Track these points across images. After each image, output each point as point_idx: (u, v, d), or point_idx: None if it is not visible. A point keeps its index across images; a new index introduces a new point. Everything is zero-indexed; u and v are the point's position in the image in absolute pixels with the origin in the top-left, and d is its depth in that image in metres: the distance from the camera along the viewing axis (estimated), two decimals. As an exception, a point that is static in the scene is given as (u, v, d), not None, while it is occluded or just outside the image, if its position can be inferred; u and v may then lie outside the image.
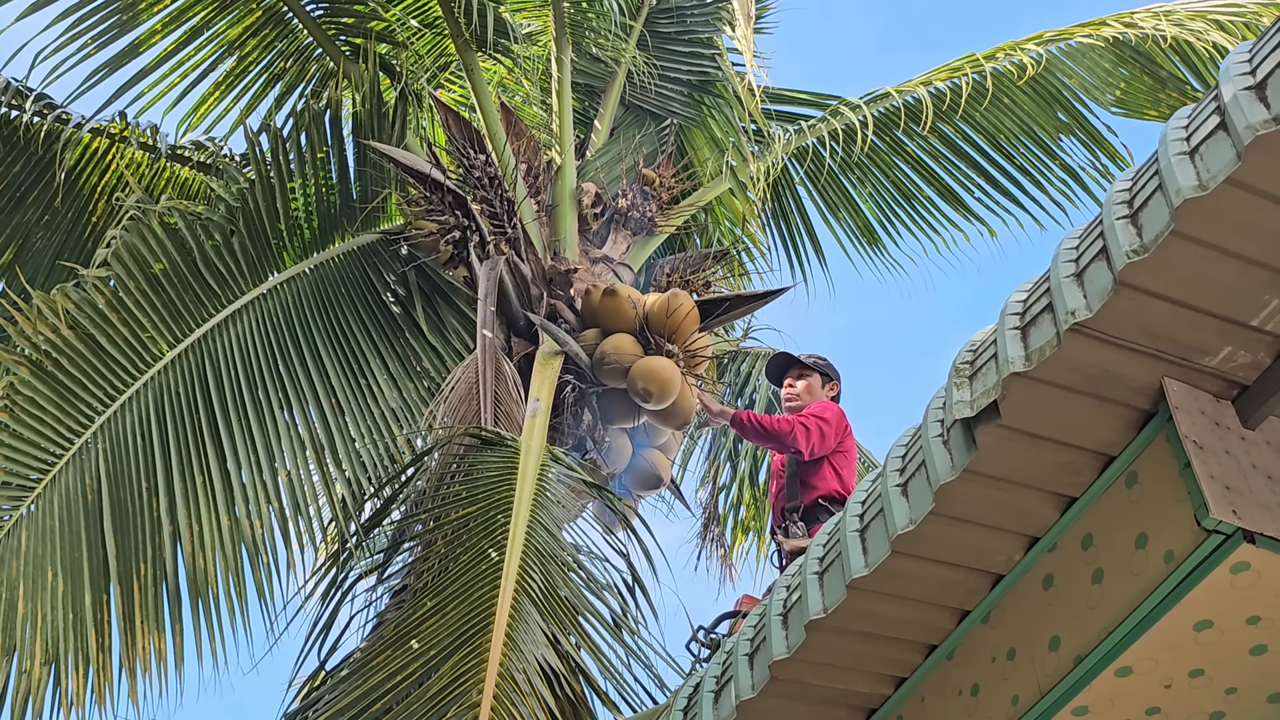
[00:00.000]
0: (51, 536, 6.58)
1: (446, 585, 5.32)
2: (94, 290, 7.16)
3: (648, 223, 8.54)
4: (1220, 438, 3.37)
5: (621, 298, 7.21)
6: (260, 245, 7.81)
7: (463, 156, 7.93)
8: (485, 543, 5.47)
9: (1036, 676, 3.66)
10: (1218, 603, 3.33)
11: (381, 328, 7.93)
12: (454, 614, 5.14)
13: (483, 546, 5.45)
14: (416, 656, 5.01)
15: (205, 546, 6.87)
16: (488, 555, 5.37)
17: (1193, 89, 9.28)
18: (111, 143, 9.05)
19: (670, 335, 7.10)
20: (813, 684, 4.12)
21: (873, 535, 3.83)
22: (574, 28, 8.89)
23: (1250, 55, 3.06)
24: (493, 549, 5.40)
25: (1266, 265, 3.21)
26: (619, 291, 7.24)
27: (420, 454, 6.48)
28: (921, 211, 10.14)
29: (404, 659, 5.03)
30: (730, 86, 8.95)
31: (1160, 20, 8.99)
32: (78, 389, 6.90)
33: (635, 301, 7.21)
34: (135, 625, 6.71)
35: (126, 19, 8.85)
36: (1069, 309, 3.26)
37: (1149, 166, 3.22)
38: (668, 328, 7.11)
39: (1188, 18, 8.96)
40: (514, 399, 6.82)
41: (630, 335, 7.17)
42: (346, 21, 9.28)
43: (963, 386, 3.57)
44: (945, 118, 9.74)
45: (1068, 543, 3.68)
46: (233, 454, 7.06)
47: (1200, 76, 9.19)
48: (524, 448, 6.17)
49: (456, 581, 5.33)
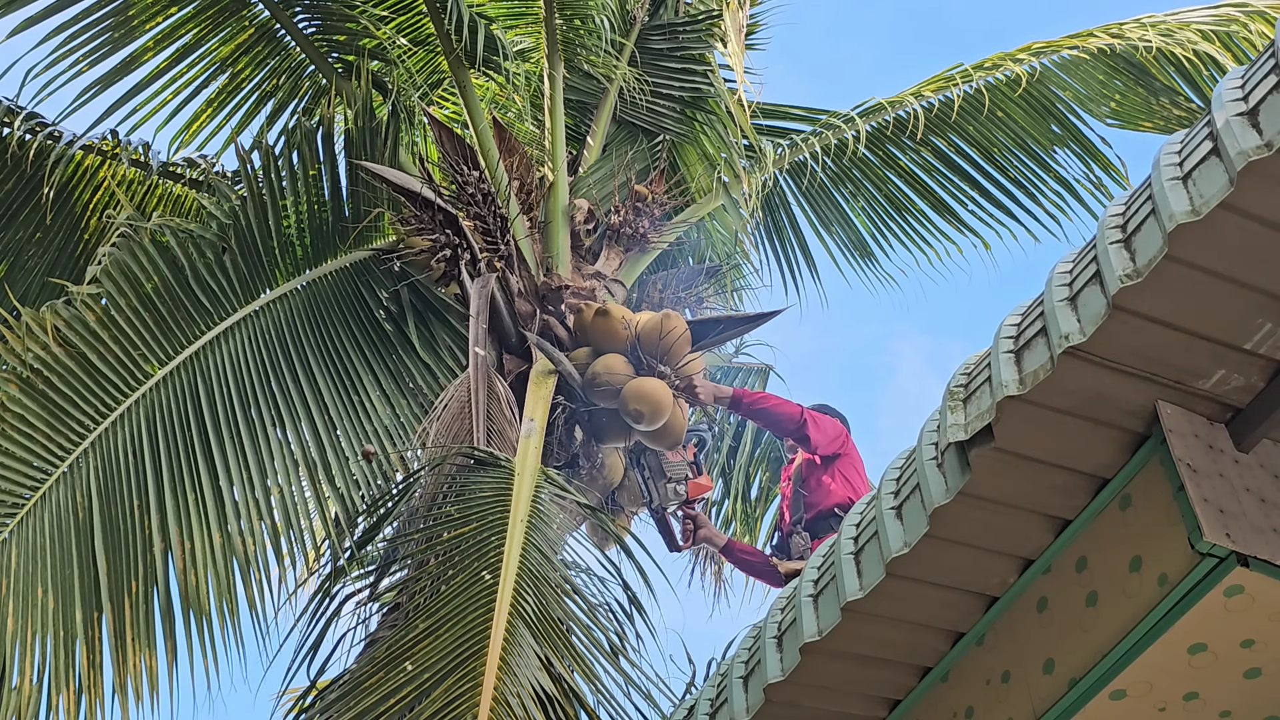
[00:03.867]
0: (42, 554, 6.56)
1: (440, 607, 5.30)
2: (84, 308, 7.15)
3: (640, 239, 8.54)
4: (1214, 461, 3.37)
5: (614, 318, 7.20)
6: (252, 262, 7.79)
7: (456, 172, 7.93)
8: (479, 564, 5.45)
9: (1030, 699, 3.66)
10: (1212, 626, 3.33)
11: (374, 345, 7.92)
12: (447, 636, 5.12)
13: (476, 568, 5.43)
14: (410, 679, 4.98)
15: (197, 563, 6.85)
16: (481, 577, 5.35)
17: (1187, 99, 9.30)
18: (103, 160, 9.03)
19: (662, 356, 7.08)
20: (807, 706, 4.11)
21: (867, 558, 3.82)
22: (566, 45, 8.90)
23: (1243, 81, 3.08)
24: (486, 571, 5.38)
25: (1260, 289, 3.22)
26: (611, 312, 7.23)
27: (413, 474, 6.46)
28: (915, 225, 10.15)
29: (397, 681, 5.01)
30: (722, 103, 8.97)
31: (1147, 30, 9.03)
32: (68, 406, 6.89)
33: (628, 322, 7.20)
34: (126, 643, 6.69)
35: (118, 36, 8.83)
36: (1063, 332, 3.26)
37: (1142, 191, 3.23)
38: (660, 349, 7.09)
39: (1176, 28, 9.00)
40: (507, 418, 6.81)
41: (622, 355, 7.15)
42: (339, 39, 9.28)
43: (957, 410, 3.58)
44: (938, 131, 9.77)
45: (1062, 565, 3.68)
46: (225, 471, 7.05)
47: (1195, 85, 9.22)
48: (518, 469, 6.15)
49: (450, 603, 5.30)
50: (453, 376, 7.60)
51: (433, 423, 6.59)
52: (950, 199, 10.01)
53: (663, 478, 6.86)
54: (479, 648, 5.00)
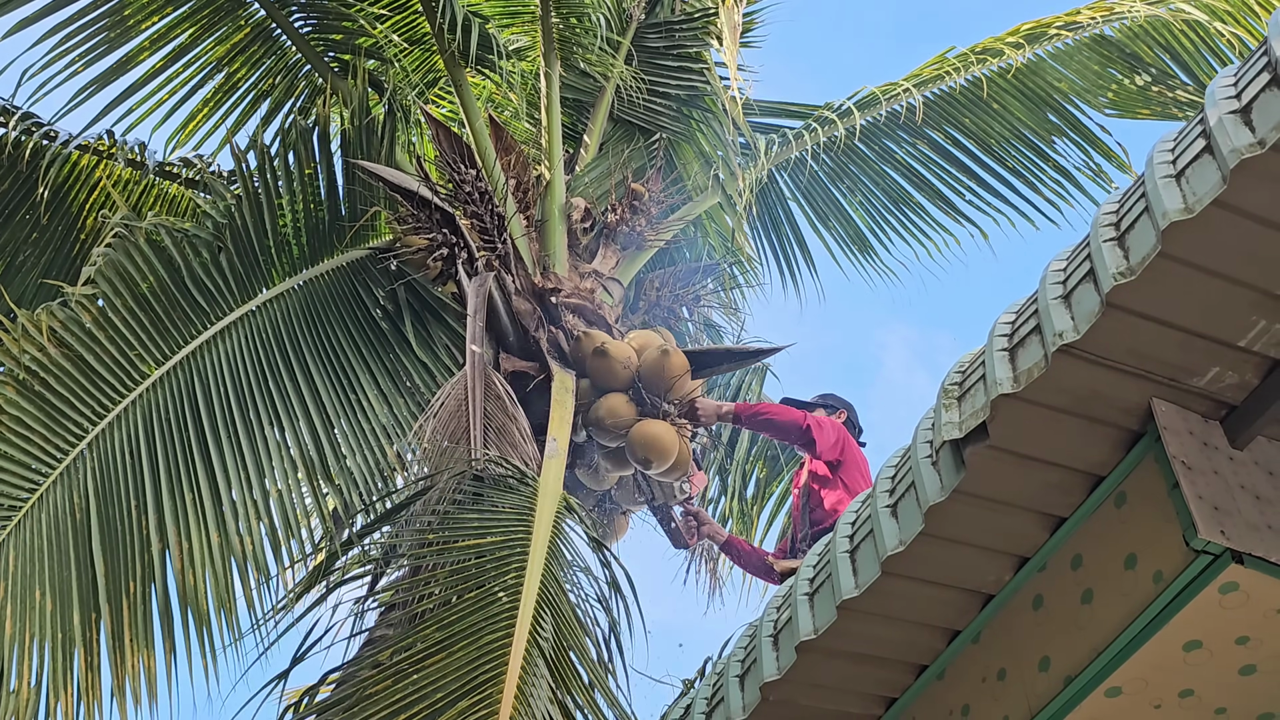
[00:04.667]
0: (39, 556, 6.55)
1: (453, 621, 5.19)
2: (80, 308, 7.14)
3: (637, 237, 8.54)
4: (1208, 458, 3.38)
5: (613, 359, 7.11)
6: (248, 262, 7.78)
7: (453, 171, 7.91)
8: (495, 584, 5.33)
9: (1026, 697, 3.66)
10: (1207, 623, 3.34)
11: (371, 344, 7.91)
12: (461, 655, 4.99)
13: (492, 587, 5.31)
14: (421, 696, 4.90)
15: (195, 563, 6.84)
16: (497, 598, 5.24)
17: (1180, 82, 9.31)
18: (99, 159, 9.02)
19: (664, 393, 7.03)
20: (804, 705, 4.12)
21: (863, 556, 3.83)
22: (562, 43, 8.89)
23: (1235, 79, 3.08)
24: (503, 592, 5.26)
25: (1253, 286, 3.23)
26: (610, 352, 7.13)
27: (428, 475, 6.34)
28: (913, 217, 10.15)
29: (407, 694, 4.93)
30: (719, 101, 8.96)
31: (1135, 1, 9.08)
32: (65, 407, 6.87)
33: (627, 362, 7.12)
34: (125, 644, 6.68)
35: (114, 36, 8.82)
36: (1057, 330, 3.27)
37: (1136, 189, 3.23)
38: (661, 387, 7.06)
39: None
40: (509, 414, 6.78)
41: (624, 395, 7.11)
42: (334, 38, 9.27)
43: (951, 408, 3.58)
44: (935, 124, 9.77)
45: (1057, 563, 3.69)
46: (222, 470, 7.04)
47: (1186, 67, 9.23)
48: (541, 490, 6.02)
49: (466, 620, 5.17)
50: (450, 375, 7.59)
51: (429, 420, 6.55)
52: (948, 190, 10.02)
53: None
54: (496, 674, 4.88)
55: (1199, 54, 9.18)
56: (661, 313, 8.75)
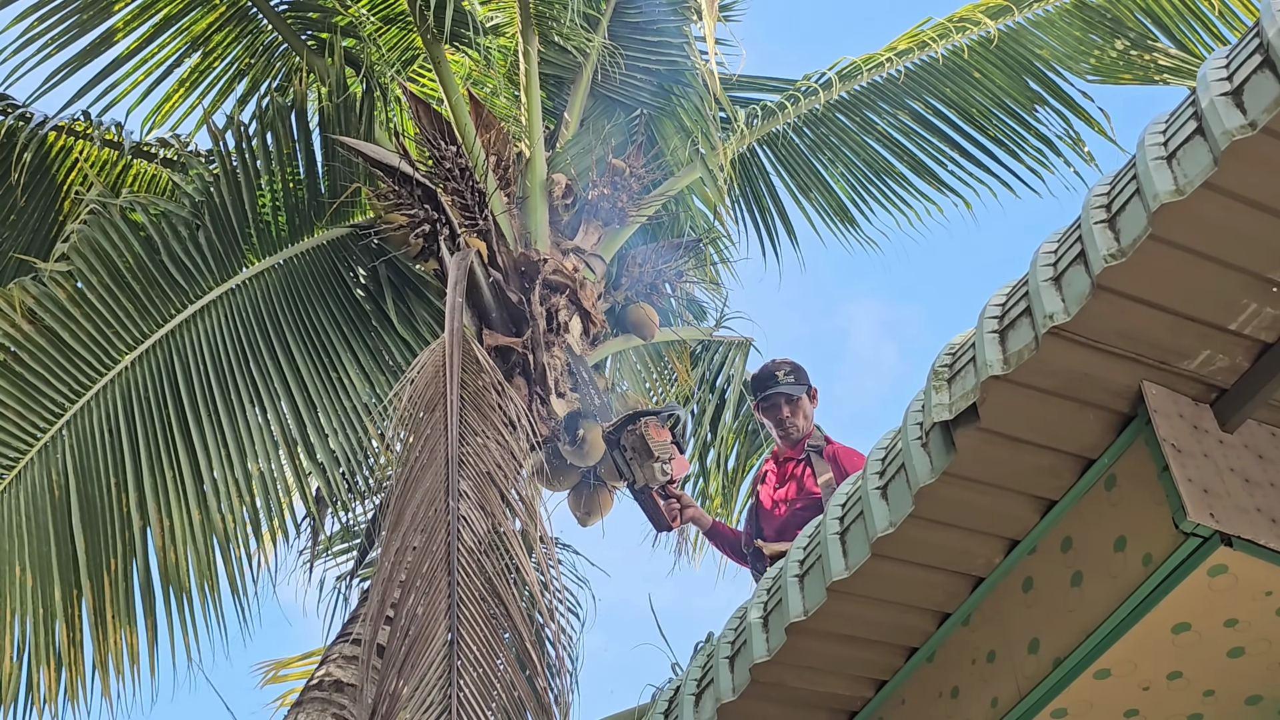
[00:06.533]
0: (19, 532, 6.56)
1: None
2: (55, 285, 7.08)
3: (619, 213, 8.52)
4: (1199, 441, 3.38)
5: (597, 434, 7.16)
6: (227, 240, 7.73)
7: (433, 147, 7.87)
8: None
9: (1016, 679, 3.66)
10: (1196, 605, 3.34)
11: (352, 322, 7.89)
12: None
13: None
14: None
15: (176, 540, 6.85)
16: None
17: (1161, 45, 9.30)
18: (76, 140, 8.93)
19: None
20: (793, 687, 4.12)
21: (852, 538, 3.82)
22: (540, 19, 8.83)
23: (1227, 61, 3.06)
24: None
25: (1244, 269, 3.22)
26: (589, 439, 7.19)
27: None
28: (894, 187, 10.12)
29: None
30: (699, 75, 8.92)
31: None
32: (41, 385, 6.86)
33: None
34: (106, 620, 6.70)
35: (88, 18, 8.71)
36: (1047, 312, 3.26)
37: (1126, 171, 3.22)
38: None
39: None
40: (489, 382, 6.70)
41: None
42: (312, 16, 9.18)
43: (941, 389, 3.57)
44: (915, 94, 9.75)
45: (1047, 545, 3.69)
46: (203, 448, 7.04)
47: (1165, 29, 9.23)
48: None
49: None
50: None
51: (405, 386, 6.48)
52: (930, 160, 9.98)
53: (649, 458, 6.81)
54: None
55: (1180, 15, 9.17)
56: (644, 289, 8.72)
